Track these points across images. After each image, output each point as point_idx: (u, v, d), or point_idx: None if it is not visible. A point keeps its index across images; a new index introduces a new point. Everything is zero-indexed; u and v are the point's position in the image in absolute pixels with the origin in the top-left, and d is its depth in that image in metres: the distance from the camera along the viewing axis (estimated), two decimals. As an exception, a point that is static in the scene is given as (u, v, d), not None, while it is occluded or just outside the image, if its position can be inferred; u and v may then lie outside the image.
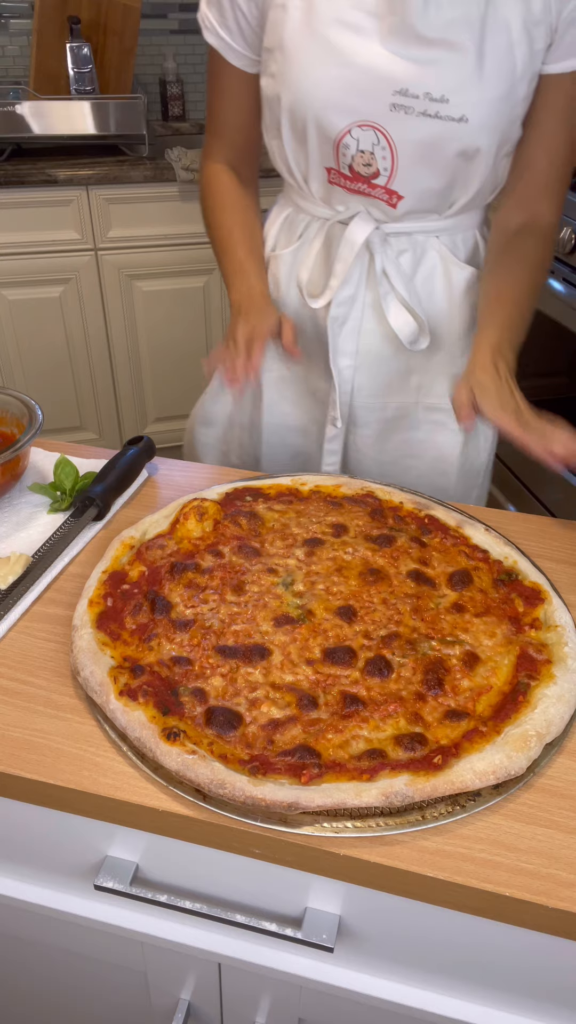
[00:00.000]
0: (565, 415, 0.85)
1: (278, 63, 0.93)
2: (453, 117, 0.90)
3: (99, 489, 0.91)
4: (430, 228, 1.02)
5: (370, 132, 0.92)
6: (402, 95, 0.89)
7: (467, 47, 0.87)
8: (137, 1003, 0.90)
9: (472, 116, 0.90)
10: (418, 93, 0.89)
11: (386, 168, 0.95)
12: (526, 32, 0.89)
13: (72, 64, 2.40)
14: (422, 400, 1.13)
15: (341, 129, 0.92)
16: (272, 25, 0.93)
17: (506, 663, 0.71)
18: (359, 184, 0.97)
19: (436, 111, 0.89)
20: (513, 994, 0.69)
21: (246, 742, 0.64)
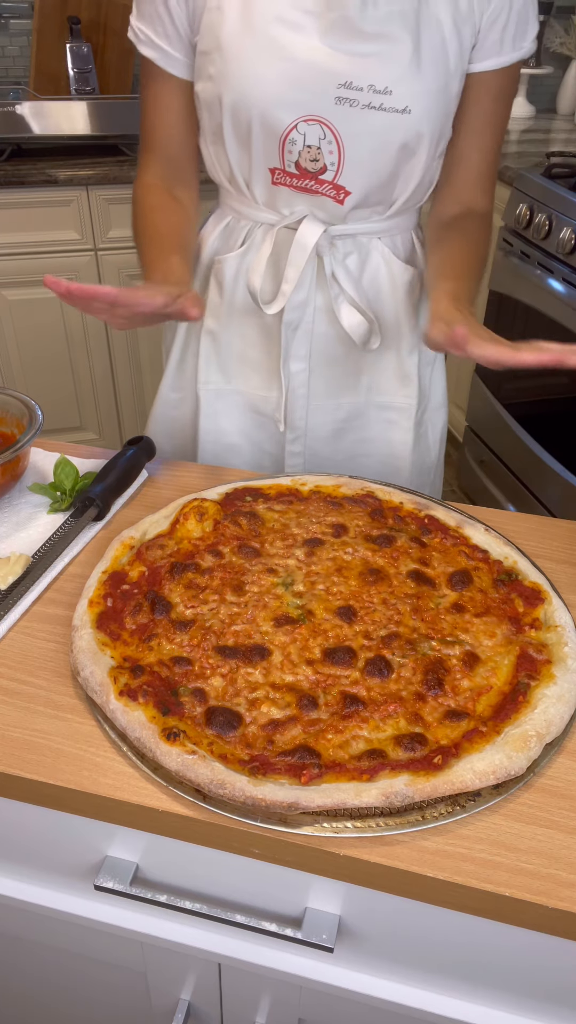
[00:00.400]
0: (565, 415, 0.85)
1: (216, 64, 0.93)
2: (397, 108, 0.92)
3: (99, 489, 0.91)
4: (373, 229, 1.04)
5: (316, 126, 0.93)
6: (347, 88, 0.91)
7: (405, 40, 0.90)
8: (137, 1003, 0.90)
9: (415, 107, 0.92)
10: (362, 86, 0.91)
11: (333, 163, 0.96)
12: (456, 29, 0.93)
13: (72, 64, 2.40)
14: (373, 399, 1.15)
15: (287, 124, 0.93)
16: (208, 28, 0.93)
17: (506, 663, 0.71)
18: (306, 181, 0.98)
19: (381, 103, 0.91)
20: (513, 994, 0.69)
21: (246, 742, 0.64)
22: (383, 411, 1.16)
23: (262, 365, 1.13)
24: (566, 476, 2.04)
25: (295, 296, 1.04)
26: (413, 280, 1.09)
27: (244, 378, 1.14)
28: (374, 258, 1.06)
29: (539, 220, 2.04)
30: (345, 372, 1.12)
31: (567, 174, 2.11)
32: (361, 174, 0.97)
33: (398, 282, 1.08)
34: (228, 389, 1.16)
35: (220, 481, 0.97)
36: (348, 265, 1.05)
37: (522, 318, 2.18)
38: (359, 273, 1.06)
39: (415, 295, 1.10)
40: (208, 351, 1.14)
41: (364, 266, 1.06)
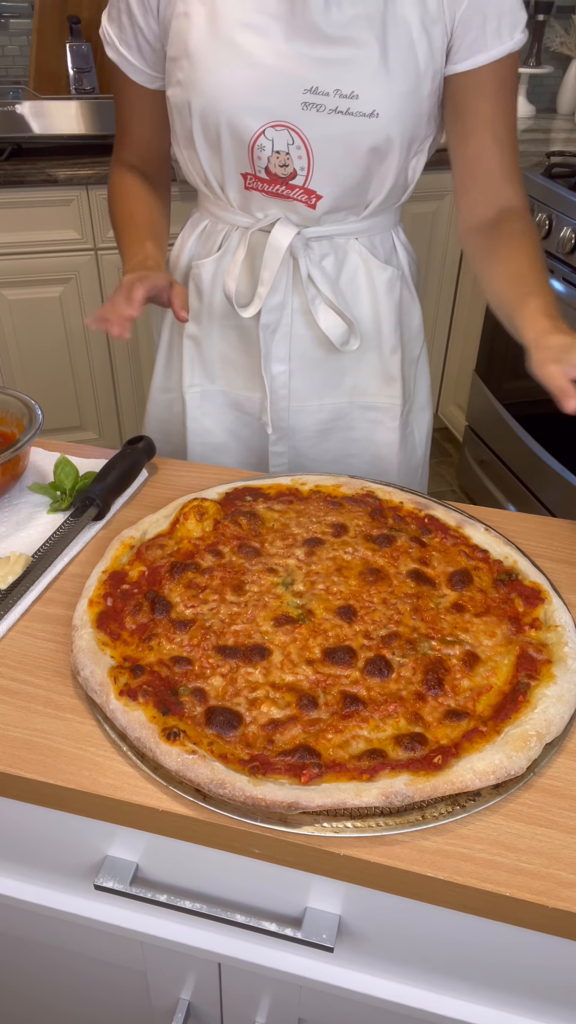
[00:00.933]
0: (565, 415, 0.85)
1: (185, 71, 0.93)
2: (364, 112, 0.91)
3: (99, 489, 0.91)
4: (349, 230, 1.04)
5: (284, 132, 0.93)
6: (313, 93, 0.90)
7: (371, 43, 0.89)
8: (137, 1003, 0.90)
9: (382, 111, 0.92)
10: (328, 90, 0.90)
11: (302, 168, 0.96)
12: (424, 30, 0.91)
13: (72, 64, 2.40)
14: (357, 400, 1.15)
15: (255, 131, 0.93)
16: (176, 34, 0.93)
17: (506, 663, 0.71)
18: (277, 186, 0.98)
19: (347, 107, 0.91)
20: (513, 994, 0.69)
21: (246, 742, 0.64)
22: (368, 411, 1.16)
23: (244, 367, 1.13)
24: (566, 476, 2.04)
25: (271, 299, 1.04)
26: (392, 279, 1.09)
27: (228, 379, 1.15)
28: (352, 259, 1.06)
29: (539, 220, 2.04)
30: (327, 373, 1.12)
31: (567, 174, 2.11)
32: (331, 178, 0.97)
33: (377, 282, 1.07)
34: (213, 390, 1.16)
35: (220, 481, 0.97)
36: (325, 267, 1.04)
37: (522, 318, 2.17)
38: (336, 274, 1.06)
39: (395, 295, 1.10)
40: (191, 354, 1.15)
41: (342, 267, 1.06)
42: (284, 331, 1.08)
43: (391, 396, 1.14)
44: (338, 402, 1.15)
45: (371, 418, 1.16)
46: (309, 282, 1.04)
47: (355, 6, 0.88)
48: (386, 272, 1.08)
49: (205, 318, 1.12)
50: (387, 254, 1.09)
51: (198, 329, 1.13)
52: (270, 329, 1.07)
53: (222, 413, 1.18)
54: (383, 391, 1.14)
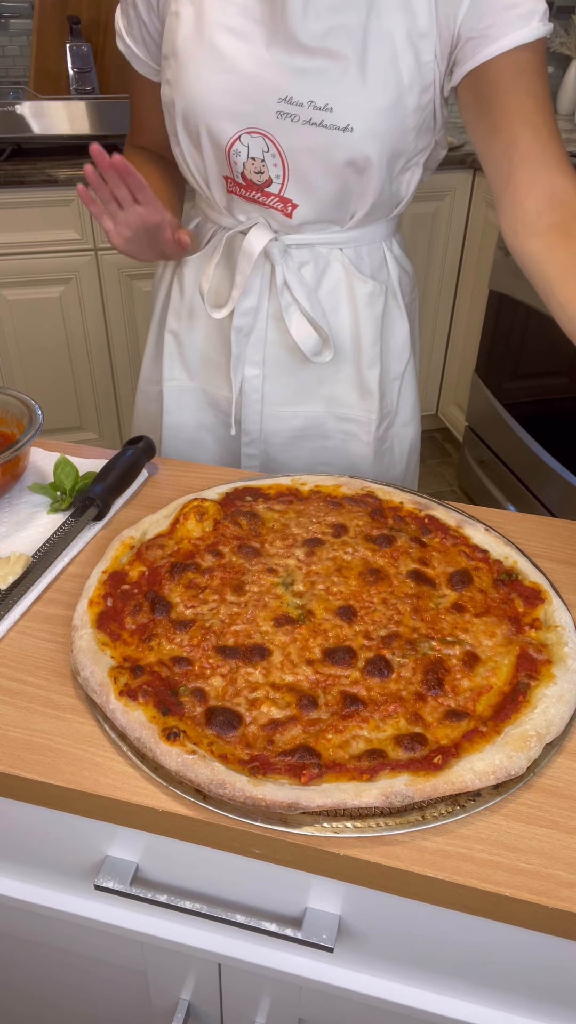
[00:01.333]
0: (565, 415, 0.85)
1: (172, 69, 0.94)
2: (338, 126, 0.90)
3: (99, 489, 0.91)
4: (332, 240, 1.02)
5: (259, 139, 0.93)
6: (287, 103, 0.90)
7: (348, 56, 0.87)
8: (137, 1003, 0.90)
9: (357, 125, 0.90)
10: (303, 101, 0.89)
11: (278, 176, 0.95)
12: (411, 43, 0.88)
13: (72, 64, 2.40)
14: (333, 410, 1.14)
15: (231, 136, 0.93)
16: (168, 32, 0.94)
17: (506, 663, 0.71)
18: (253, 192, 0.98)
19: (321, 120, 0.90)
20: (513, 994, 0.69)
21: (246, 742, 0.64)
22: (343, 422, 1.14)
23: (222, 366, 1.13)
24: (566, 476, 2.04)
25: (244, 302, 1.04)
26: (374, 293, 1.06)
27: (206, 377, 1.15)
28: (334, 269, 1.04)
29: (539, 220, 2.04)
30: (303, 381, 1.11)
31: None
32: (306, 189, 0.96)
33: (358, 294, 1.06)
34: (190, 386, 1.16)
35: (220, 481, 0.97)
36: (303, 275, 1.03)
37: (522, 318, 2.18)
38: (316, 283, 1.05)
39: (376, 309, 1.07)
40: (172, 349, 1.15)
41: (322, 277, 1.05)
42: (259, 335, 1.07)
43: (367, 410, 1.13)
44: (313, 410, 1.14)
45: (346, 429, 1.15)
46: (284, 289, 1.03)
47: (334, 17, 0.86)
48: (367, 285, 1.05)
49: (186, 315, 1.12)
50: (375, 267, 1.07)
51: (178, 325, 1.13)
52: (243, 332, 1.07)
53: (199, 410, 1.18)
54: (359, 404, 1.13)
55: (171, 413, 1.18)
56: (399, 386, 1.17)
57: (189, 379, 1.16)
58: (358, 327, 1.08)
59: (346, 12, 0.86)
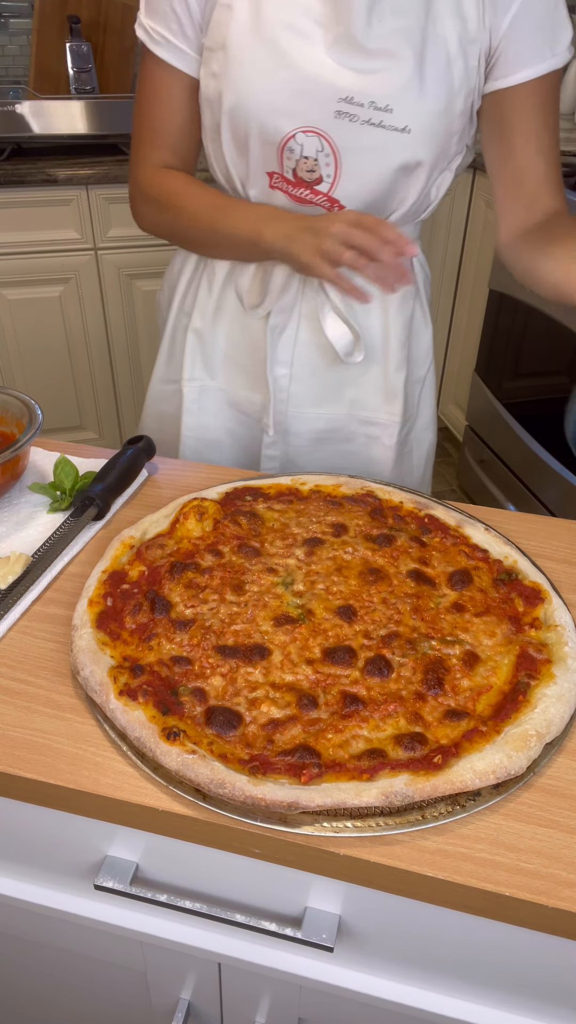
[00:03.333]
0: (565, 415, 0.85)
1: (220, 63, 0.93)
2: (396, 127, 0.91)
3: (99, 489, 0.91)
4: None
5: (314, 138, 0.93)
6: (347, 103, 0.90)
7: (408, 58, 0.89)
8: (137, 1003, 0.90)
9: (414, 126, 0.91)
10: (363, 102, 0.90)
11: (329, 175, 0.95)
12: (462, 49, 0.91)
13: (72, 64, 2.40)
14: (356, 413, 1.14)
15: (285, 134, 0.93)
16: (216, 24, 0.92)
17: (506, 663, 0.71)
18: (301, 190, 0.98)
19: (380, 120, 0.90)
20: (513, 994, 0.69)
21: (246, 742, 0.64)
22: (366, 426, 1.15)
23: (246, 367, 1.12)
24: (566, 476, 2.04)
25: (281, 300, 1.04)
26: (405, 296, 1.08)
27: (228, 376, 1.14)
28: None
29: (539, 220, 2.04)
30: (328, 383, 1.11)
31: (567, 174, 2.11)
32: (357, 189, 0.96)
33: (388, 297, 1.06)
34: (212, 386, 1.16)
35: (220, 481, 0.97)
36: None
37: (522, 318, 2.18)
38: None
39: (406, 312, 1.09)
40: (194, 348, 1.14)
41: (354, 277, 1.05)
42: (290, 335, 1.07)
43: (391, 413, 1.13)
44: (336, 412, 1.14)
45: (368, 433, 1.15)
46: (320, 288, 1.03)
47: (396, 19, 0.88)
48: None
49: (212, 313, 1.11)
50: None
51: (203, 323, 1.12)
52: (277, 331, 1.06)
53: (219, 410, 1.17)
54: (383, 407, 1.13)
55: (191, 413, 1.17)
56: (420, 390, 1.18)
57: (211, 378, 1.15)
58: (388, 329, 1.08)
59: (407, 16, 0.88)
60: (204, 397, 1.16)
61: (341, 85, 0.89)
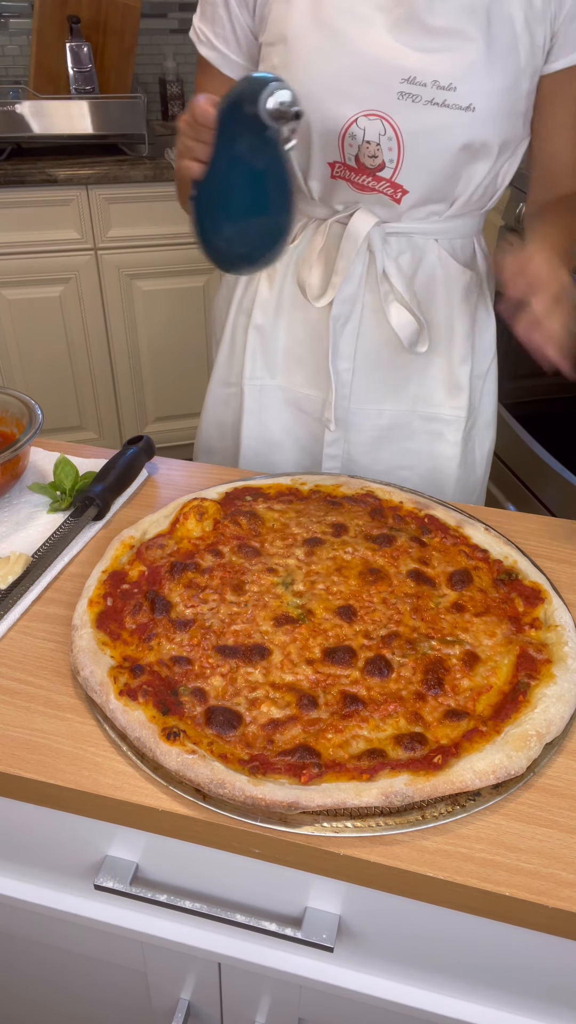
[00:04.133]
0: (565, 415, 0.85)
1: (280, 55, 0.92)
2: (460, 106, 0.90)
3: (99, 489, 0.91)
4: (430, 230, 1.02)
5: (376, 122, 0.92)
6: (410, 83, 0.89)
7: (475, 36, 0.88)
8: (137, 1003, 0.90)
9: (479, 105, 0.90)
10: (426, 81, 0.89)
11: (391, 160, 0.94)
12: (527, 27, 0.90)
13: (72, 64, 2.40)
14: (419, 409, 1.12)
15: (347, 118, 0.92)
16: (275, 19, 0.92)
17: (506, 663, 0.71)
18: (364, 177, 0.96)
19: (444, 99, 0.89)
20: (513, 994, 0.69)
21: (246, 742, 0.64)
22: (429, 422, 1.12)
23: (307, 362, 1.10)
24: (566, 476, 2.04)
25: (344, 289, 1.02)
26: (471, 285, 1.06)
27: (289, 374, 1.13)
28: (429, 260, 1.04)
29: (539, 219, 2.04)
30: (391, 376, 1.09)
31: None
32: (420, 172, 0.95)
33: (454, 285, 1.05)
34: (272, 385, 1.14)
35: (220, 480, 0.97)
36: (400, 263, 1.02)
37: (522, 318, 2.17)
38: (412, 273, 1.04)
39: (472, 301, 1.07)
40: (255, 346, 1.12)
41: (418, 266, 1.04)
42: (353, 327, 1.05)
43: (456, 408, 1.11)
44: (399, 409, 1.11)
45: (432, 429, 1.12)
46: (384, 278, 1.02)
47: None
48: (465, 276, 1.05)
49: (273, 308, 1.10)
50: (467, 260, 1.07)
51: (265, 319, 1.10)
52: (340, 322, 1.04)
53: (280, 410, 1.15)
54: (447, 402, 1.11)
55: (252, 413, 1.15)
56: (482, 385, 1.16)
57: (271, 377, 1.13)
58: (452, 319, 1.07)
59: None
60: (264, 396, 1.14)
61: (404, 65, 0.89)
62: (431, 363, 1.09)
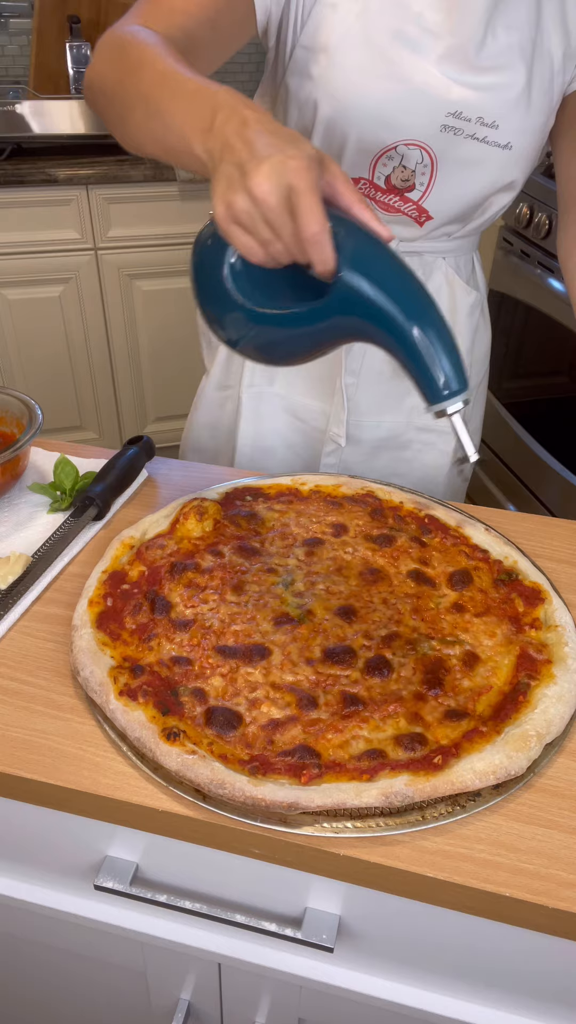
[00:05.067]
0: (565, 415, 0.85)
1: (321, 66, 0.87)
2: (499, 143, 0.89)
3: (99, 489, 0.91)
4: (439, 248, 1.02)
5: (416, 151, 0.90)
6: (455, 117, 0.88)
7: (520, 73, 0.87)
8: (137, 1003, 0.90)
9: (516, 143, 0.90)
10: (471, 117, 0.88)
11: (423, 183, 0.93)
12: (564, 64, 0.90)
13: (72, 63, 2.40)
14: (414, 421, 1.13)
15: (386, 144, 0.90)
16: (317, 22, 0.86)
17: (506, 663, 0.71)
18: (391, 197, 0.95)
19: (485, 136, 0.89)
20: (513, 994, 0.69)
21: (246, 742, 0.64)
22: (423, 433, 1.13)
23: (312, 375, 1.10)
24: (566, 476, 2.04)
25: None
26: (475, 304, 1.07)
27: (288, 382, 1.13)
28: (436, 278, 1.04)
29: (539, 219, 2.04)
30: (390, 391, 1.10)
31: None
32: (448, 200, 0.95)
33: (459, 305, 1.05)
34: (270, 392, 1.14)
35: (220, 480, 0.97)
36: None
37: (522, 317, 2.18)
38: None
39: (475, 319, 1.08)
40: None
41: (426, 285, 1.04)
42: (361, 344, 1.05)
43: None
44: (396, 421, 1.12)
45: (425, 440, 1.14)
46: None
47: (509, 34, 0.86)
48: (470, 296, 1.05)
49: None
50: (468, 275, 1.07)
51: None
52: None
53: (276, 417, 1.15)
54: None
55: (248, 420, 1.15)
56: (474, 395, 1.18)
57: (268, 384, 1.13)
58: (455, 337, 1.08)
59: (520, 30, 0.86)
60: (262, 404, 1.14)
61: (450, 99, 0.87)
62: None
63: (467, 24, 0.84)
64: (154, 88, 0.67)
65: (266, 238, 0.58)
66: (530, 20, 0.87)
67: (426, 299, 0.58)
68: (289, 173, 0.55)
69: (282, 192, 0.55)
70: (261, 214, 0.56)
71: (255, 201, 0.56)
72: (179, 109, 0.64)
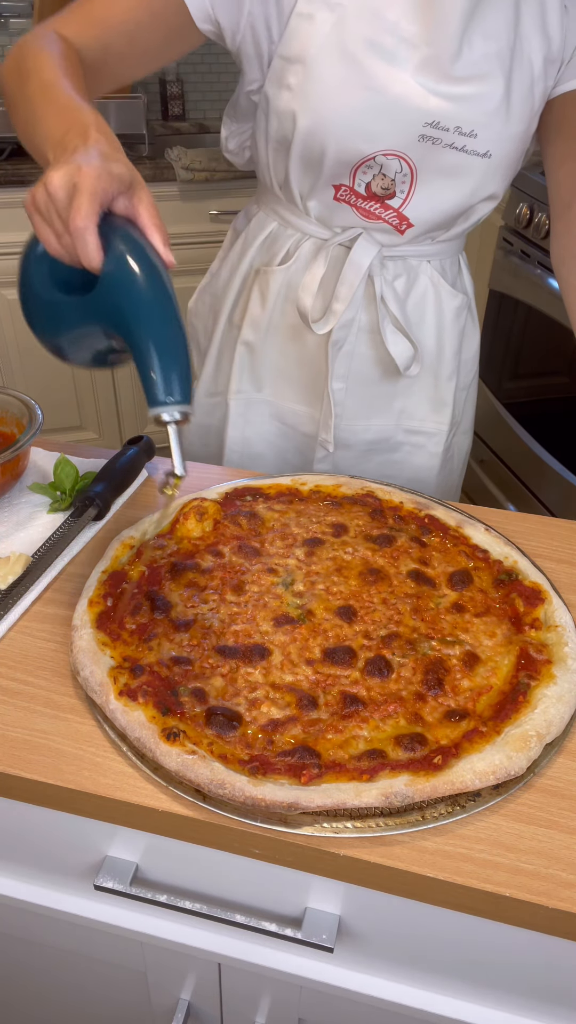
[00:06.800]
0: (565, 415, 0.85)
1: (298, 77, 0.88)
2: (478, 152, 0.90)
3: (99, 489, 0.91)
4: (423, 252, 1.02)
5: (395, 160, 0.91)
6: (433, 127, 0.88)
7: (498, 82, 0.87)
8: (137, 1003, 0.90)
9: (495, 151, 0.90)
10: (449, 126, 0.88)
11: (403, 191, 0.94)
12: (544, 70, 0.89)
13: (72, 64, 2.40)
14: (403, 423, 1.13)
15: (365, 154, 0.90)
16: (293, 33, 0.86)
17: (506, 663, 0.71)
18: (371, 203, 0.95)
19: (463, 145, 0.89)
20: (513, 994, 0.69)
21: (246, 742, 0.64)
22: (412, 435, 1.14)
23: (296, 380, 1.10)
24: (566, 476, 2.04)
25: (344, 316, 1.02)
26: (461, 307, 1.07)
27: (276, 389, 1.13)
28: (422, 281, 1.04)
29: (539, 220, 2.04)
30: (379, 395, 1.10)
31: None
32: (428, 209, 0.95)
33: (445, 307, 1.06)
34: (258, 398, 1.14)
35: (220, 481, 0.97)
36: (396, 287, 1.02)
37: (522, 318, 2.18)
38: (405, 295, 1.04)
39: (461, 321, 1.08)
40: (243, 361, 1.12)
41: (411, 289, 1.04)
42: (348, 349, 1.05)
43: (438, 422, 1.13)
44: (385, 424, 1.13)
45: (414, 442, 1.14)
46: (382, 302, 1.01)
47: (487, 43, 0.85)
48: (456, 299, 1.06)
49: (265, 327, 1.08)
50: (454, 278, 1.07)
51: (255, 337, 1.09)
52: (337, 346, 1.04)
53: (264, 423, 1.15)
54: (431, 416, 1.13)
55: (236, 426, 1.15)
56: (465, 396, 1.18)
57: (256, 391, 1.14)
58: (442, 339, 1.08)
59: (497, 39, 0.86)
60: (249, 410, 1.14)
61: (428, 109, 0.86)
62: (418, 380, 1.10)
63: (443, 34, 0.83)
64: (35, 95, 0.75)
65: (58, 230, 0.66)
66: (508, 27, 0.86)
67: (172, 316, 0.64)
68: (78, 175, 0.62)
69: (68, 189, 0.62)
70: (53, 206, 0.64)
71: (48, 193, 0.64)
72: (48, 118, 0.72)
